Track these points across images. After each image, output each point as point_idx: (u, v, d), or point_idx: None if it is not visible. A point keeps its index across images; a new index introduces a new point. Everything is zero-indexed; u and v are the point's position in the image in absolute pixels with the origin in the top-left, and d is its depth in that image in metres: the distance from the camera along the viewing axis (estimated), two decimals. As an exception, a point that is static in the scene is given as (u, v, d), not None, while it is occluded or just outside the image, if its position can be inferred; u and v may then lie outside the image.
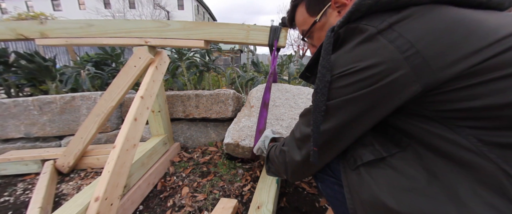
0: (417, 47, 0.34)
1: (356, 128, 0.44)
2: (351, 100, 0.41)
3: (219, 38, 1.16)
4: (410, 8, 0.37)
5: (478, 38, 0.33)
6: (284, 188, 1.17)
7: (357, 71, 0.39)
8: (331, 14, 0.57)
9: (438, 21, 0.35)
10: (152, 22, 1.19)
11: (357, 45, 0.40)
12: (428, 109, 0.38)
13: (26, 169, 1.41)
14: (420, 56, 0.34)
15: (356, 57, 0.39)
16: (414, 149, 0.41)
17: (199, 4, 25.44)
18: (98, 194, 0.80)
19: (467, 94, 0.34)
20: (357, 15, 0.41)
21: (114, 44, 1.24)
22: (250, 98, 1.41)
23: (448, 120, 0.37)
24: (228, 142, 1.15)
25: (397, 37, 0.35)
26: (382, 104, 0.39)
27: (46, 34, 1.25)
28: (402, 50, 0.35)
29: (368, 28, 0.38)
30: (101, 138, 1.63)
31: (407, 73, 0.34)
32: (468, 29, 0.33)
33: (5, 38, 1.28)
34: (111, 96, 1.20)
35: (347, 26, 0.42)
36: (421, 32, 0.35)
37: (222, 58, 8.72)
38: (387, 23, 0.37)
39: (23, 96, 2.15)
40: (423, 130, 0.39)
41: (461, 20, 0.34)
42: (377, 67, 0.37)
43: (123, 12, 18.36)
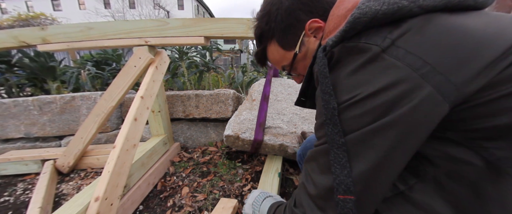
0: (430, 63, 0.31)
1: (389, 169, 0.35)
2: (373, 132, 0.34)
3: (219, 33, 1.16)
4: (407, 21, 0.35)
5: (488, 48, 0.31)
6: (284, 187, 1.17)
7: (369, 95, 0.34)
8: (309, 41, 0.53)
9: (442, 33, 0.33)
10: (151, 21, 1.19)
11: (361, 67, 0.36)
12: (451, 129, 0.34)
13: (26, 169, 1.41)
14: (438, 73, 0.31)
15: (362, 80, 0.35)
16: (434, 178, 0.37)
17: (199, 4, 25.44)
18: (98, 194, 0.80)
19: (491, 109, 0.31)
20: (352, 33, 0.37)
21: (114, 46, 1.25)
22: (251, 92, 1.42)
23: (474, 141, 0.34)
24: (228, 134, 1.15)
25: (405, 54, 0.32)
26: (412, 133, 0.33)
27: (48, 40, 1.25)
28: (415, 67, 0.32)
29: (371, 47, 0.35)
30: (101, 138, 1.63)
31: (432, 92, 0.31)
32: (476, 40, 0.31)
33: (8, 46, 1.31)
34: (111, 96, 1.20)
35: (343, 45, 0.38)
36: (428, 47, 0.32)
37: (222, 58, 8.73)
38: (389, 40, 0.34)
39: (24, 96, 2.15)
40: (445, 155, 0.35)
41: (466, 29, 0.32)
42: (392, 88, 0.32)
43: (123, 12, 18.36)
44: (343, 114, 0.37)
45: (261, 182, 1.05)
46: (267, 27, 0.55)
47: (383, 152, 0.34)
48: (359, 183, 0.36)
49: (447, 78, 0.30)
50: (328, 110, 0.39)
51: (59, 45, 1.26)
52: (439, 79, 0.31)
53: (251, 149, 1.16)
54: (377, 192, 0.37)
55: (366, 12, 0.35)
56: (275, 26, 0.54)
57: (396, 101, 0.32)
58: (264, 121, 1.10)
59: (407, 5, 0.34)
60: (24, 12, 14.38)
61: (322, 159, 0.40)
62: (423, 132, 0.33)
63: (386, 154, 0.34)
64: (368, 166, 0.35)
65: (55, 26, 1.26)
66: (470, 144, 0.34)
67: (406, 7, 0.34)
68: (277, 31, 0.54)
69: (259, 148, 1.17)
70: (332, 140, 0.39)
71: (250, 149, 1.16)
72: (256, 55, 0.63)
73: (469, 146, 0.34)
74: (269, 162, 1.21)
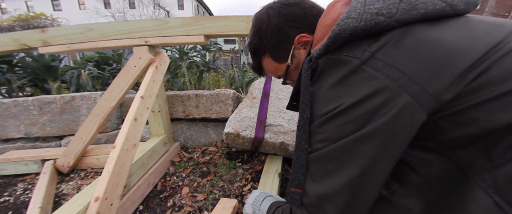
0: (407, 74, 0.34)
1: (376, 175, 0.38)
2: (359, 140, 0.36)
3: (218, 31, 1.15)
4: (385, 34, 0.37)
5: (460, 59, 0.33)
6: (284, 187, 1.17)
7: (351, 105, 0.36)
8: (299, 53, 0.56)
9: (417, 45, 0.35)
10: (151, 21, 1.19)
11: (343, 78, 0.38)
12: (430, 138, 0.37)
13: (26, 169, 1.41)
14: (415, 83, 0.33)
15: (345, 90, 0.38)
16: (415, 184, 0.40)
17: (199, 4, 25.45)
18: (98, 194, 0.80)
19: (464, 118, 0.34)
20: (334, 47, 0.40)
21: (115, 46, 1.25)
22: (252, 90, 1.41)
23: (449, 149, 0.36)
24: (228, 131, 1.14)
25: (384, 66, 0.35)
26: (394, 140, 0.36)
27: (48, 42, 1.26)
28: (393, 77, 0.34)
29: (351, 59, 0.37)
30: (101, 138, 1.63)
31: (409, 101, 0.33)
32: (448, 51, 0.34)
33: (10, 49, 1.32)
34: (111, 96, 1.20)
35: (327, 57, 0.41)
36: (404, 59, 0.35)
37: (222, 58, 8.73)
38: (368, 53, 0.37)
39: (24, 96, 2.15)
40: (425, 162, 0.39)
41: (439, 41, 0.35)
42: (373, 98, 0.35)
43: (123, 12, 18.36)
44: (329, 123, 0.39)
45: (261, 182, 1.05)
46: (259, 44, 0.58)
47: (369, 160, 0.36)
48: (347, 190, 0.38)
49: (423, 88, 0.33)
50: (303, 119, 0.45)
51: (60, 47, 1.26)
52: (416, 89, 0.33)
53: (251, 147, 1.16)
54: (366, 198, 0.39)
55: (345, 29, 0.38)
56: (266, 43, 0.57)
57: (377, 110, 0.35)
58: (265, 119, 1.09)
59: (384, 20, 0.36)
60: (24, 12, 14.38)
61: (313, 167, 0.43)
62: (404, 138, 0.36)
63: (372, 161, 0.36)
64: (355, 173, 0.37)
65: (56, 28, 1.27)
66: (446, 151, 0.37)
67: (383, 22, 0.36)
68: (269, 47, 0.57)
69: (259, 146, 1.16)
70: (299, 144, 0.45)
71: (251, 147, 1.15)
72: (253, 67, 0.67)
73: (446, 153, 0.37)
74: (269, 162, 1.21)
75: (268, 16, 0.55)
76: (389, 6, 0.36)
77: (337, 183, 0.38)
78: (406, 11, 0.36)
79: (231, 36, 1.20)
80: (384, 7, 0.36)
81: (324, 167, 0.40)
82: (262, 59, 0.62)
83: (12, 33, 1.30)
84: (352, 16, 0.38)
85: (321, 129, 0.41)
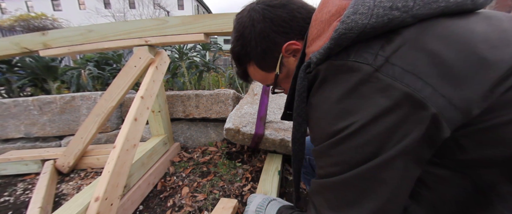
0: (432, 84, 0.28)
1: (401, 199, 0.33)
2: (384, 165, 0.31)
3: (218, 29, 1.14)
4: (400, 32, 0.31)
5: (492, 66, 0.28)
6: (284, 187, 1.17)
7: (368, 123, 0.30)
8: (288, 61, 0.49)
9: (441, 46, 0.29)
10: (150, 20, 1.19)
11: (353, 89, 0.32)
12: (449, 157, 0.32)
13: (26, 169, 1.41)
14: (440, 95, 0.28)
15: (358, 104, 0.31)
16: (428, 201, 0.36)
17: (199, 3, 25.45)
18: (98, 194, 0.80)
19: (488, 138, 0.29)
20: (338, 49, 0.34)
21: (115, 47, 1.25)
22: (253, 86, 1.41)
23: (469, 168, 0.32)
24: (228, 127, 1.14)
25: (402, 73, 0.29)
26: (421, 159, 0.32)
27: (49, 45, 1.26)
28: (415, 88, 0.28)
29: (361, 66, 0.31)
30: (101, 138, 1.63)
31: (435, 117, 0.28)
32: (481, 53, 0.28)
33: (11, 53, 1.32)
34: (111, 96, 1.20)
35: (330, 63, 0.35)
36: (427, 63, 0.29)
37: (222, 58, 8.72)
38: (382, 58, 0.31)
39: (24, 96, 2.15)
40: (440, 179, 0.34)
41: (467, 42, 0.29)
42: (393, 113, 0.29)
43: (123, 12, 18.36)
44: (343, 145, 0.33)
45: (261, 180, 1.05)
46: (243, 52, 0.52)
47: (394, 186, 0.32)
48: None
49: (450, 102, 0.28)
50: (299, 132, 0.43)
51: (61, 50, 1.26)
52: (442, 103, 0.28)
53: (251, 143, 1.15)
54: None
55: (352, 28, 0.31)
56: (251, 51, 0.50)
57: (399, 127, 0.29)
58: (265, 115, 1.09)
59: (399, 16, 0.30)
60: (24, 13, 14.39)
61: (329, 195, 0.37)
62: (425, 157, 0.32)
63: (396, 187, 0.32)
64: (380, 202, 0.32)
65: (56, 31, 1.27)
66: (465, 170, 0.32)
67: (398, 18, 0.31)
68: (254, 55, 0.51)
69: (259, 143, 1.16)
70: (295, 154, 0.44)
71: (250, 143, 1.15)
72: (238, 74, 0.60)
73: (464, 171, 0.33)
74: (269, 161, 1.21)
75: (251, 20, 0.48)
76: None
77: (361, 213, 0.33)
78: (425, 4, 0.30)
79: (231, 33, 1.20)
80: (399, 0, 0.30)
81: (343, 195, 0.35)
82: (247, 67, 0.55)
83: (12, 37, 1.30)
84: (360, 11, 0.31)
85: (334, 152, 0.34)
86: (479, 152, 0.30)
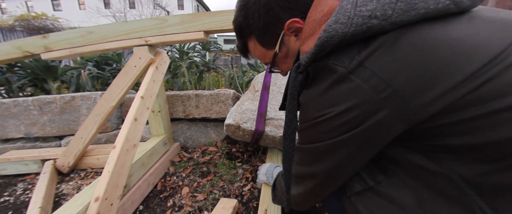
0: (393, 87, 0.32)
1: (348, 167, 0.44)
2: (337, 143, 0.40)
3: (218, 27, 1.14)
4: (377, 38, 0.34)
5: (453, 72, 0.31)
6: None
7: (335, 115, 0.38)
8: (289, 40, 0.50)
9: (411, 52, 0.32)
10: (150, 20, 1.19)
11: (329, 87, 0.38)
12: (412, 141, 0.38)
13: (26, 169, 1.41)
14: (398, 96, 0.33)
15: (331, 100, 0.38)
16: (399, 177, 0.42)
17: (199, 3, 25.46)
18: (98, 194, 0.80)
19: (449, 131, 0.33)
20: (322, 54, 0.38)
21: (115, 48, 1.25)
22: (255, 83, 1.41)
23: (432, 153, 0.37)
24: (229, 123, 1.13)
25: (371, 76, 0.33)
26: (370, 144, 0.39)
27: (50, 48, 1.27)
28: (378, 90, 0.33)
29: (338, 68, 0.36)
30: (101, 138, 1.63)
31: (388, 115, 0.34)
32: (443, 61, 0.31)
33: (13, 57, 1.34)
34: (111, 96, 1.20)
35: (315, 65, 0.40)
36: (394, 68, 0.33)
37: (222, 58, 8.73)
38: (356, 61, 0.35)
39: (24, 96, 2.15)
40: (407, 160, 0.40)
41: (435, 48, 0.32)
42: (356, 109, 0.36)
43: (124, 12, 18.35)
44: (314, 128, 0.43)
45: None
46: (245, 23, 0.52)
47: (342, 159, 0.42)
48: (321, 174, 0.46)
49: (406, 102, 0.33)
50: (290, 128, 0.50)
51: (62, 52, 1.27)
52: (398, 103, 0.33)
53: (251, 140, 1.15)
54: (337, 181, 0.47)
55: (333, 36, 0.35)
56: (253, 23, 0.50)
57: (359, 121, 0.36)
58: (265, 111, 1.09)
59: (378, 24, 0.33)
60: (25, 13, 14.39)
61: (299, 154, 0.50)
62: (378, 145, 0.39)
63: (345, 160, 0.42)
64: (329, 166, 0.44)
65: (56, 34, 1.28)
66: (430, 155, 0.37)
67: (377, 26, 0.33)
68: (256, 28, 0.51)
69: (259, 139, 1.16)
70: (286, 151, 0.52)
71: (251, 139, 1.14)
72: (237, 47, 0.61)
73: (429, 156, 0.37)
74: (269, 160, 1.21)
75: None
76: (384, 7, 0.33)
77: (313, 170, 0.47)
78: (403, 12, 0.32)
79: (231, 31, 1.18)
80: (378, 8, 0.33)
81: (305, 157, 0.48)
82: (247, 41, 0.56)
83: (14, 41, 1.31)
84: (341, 20, 0.34)
85: (307, 132, 0.45)
86: (442, 141, 0.35)
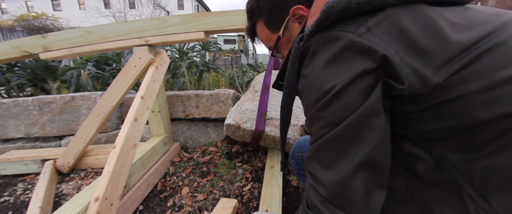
0: (400, 54, 0.33)
1: (387, 138, 0.36)
2: (367, 111, 0.34)
3: (218, 27, 1.14)
4: (384, 10, 0.35)
5: (453, 43, 0.32)
6: (284, 188, 1.17)
7: (351, 81, 0.34)
8: (293, 26, 0.53)
9: (414, 26, 0.34)
10: (150, 20, 1.19)
11: (338, 55, 0.36)
12: (411, 129, 0.37)
13: (26, 169, 1.41)
14: (405, 64, 0.33)
15: (342, 67, 0.35)
16: (393, 169, 0.39)
17: (199, 3, 25.46)
18: (98, 194, 0.80)
19: (444, 111, 0.34)
20: (327, 23, 0.37)
21: (115, 48, 1.25)
22: (255, 83, 1.42)
23: (423, 140, 0.36)
24: (229, 123, 1.13)
25: (380, 42, 0.34)
26: (384, 106, 0.36)
27: (49, 47, 1.27)
28: (390, 54, 0.33)
29: (345, 34, 0.35)
30: (101, 138, 1.63)
31: (400, 79, 0.33)
32: (444, 33, 0.33)
33: (11, 57, 1.33)
34: (111, 96, 1.20)
35: (320, 35, 0.38)
36: (399, 39, 0.34)
37: (222, 58, 8.73)
38: (364, 27, 0.35)
39: (24, 96, 2.15)
40: (402, 150, 0.39)
41: (436, 23, 0.34)
42: (373, 72, 0.34)
43: (123, 12, 18.35)
44: (330, 105, 0.36)
45: (265, 183, 1.05)
46: (256, 5, 0.55)
47: (380, 129, 0.34)
48: (365, 166, 0.35)
49: (413, 70, 0.33)
50: (288, 99, 0.47)
51: (61, 52, 1.27)
52: (406, 70, 0.33)
53: (251, 140, 1.15)
54: (384, 166, 0.36)
55: (340, 1, 0.35)
56: (263, 5, 0.54)
57: (376, 83, 0.34)
58: (265, 111, 1.09)
59: None
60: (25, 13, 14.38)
61: (321, 155, 0.38)
62: (387, 103, 0.36)
63: (382, 130, 0.35)
64: (369, 147, 0.34)
65: (55, 33, 1.27)
66: (423, 142, 0.37)
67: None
68: (264, 10, 0.54)
69: (259, 139, 1.16)
70: (283, 120, 0.50)
71: (251, 139, 1.14)
72: (246, 29, 0.63)
73: (423, 144, 0.37)
74: (269, 162, 1.21)
75: None
76: None
77: (353, 163, 0.34)
78: None
79: (231, 31, 1.18)
80: None
81: (333, 152, 0.36)
82: (256, 23, 0.59)
83: (12, 41, 1.31)
84: None
85: (323, 113, 0.37)
86: (437, 124, 0.34)
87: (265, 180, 1.06)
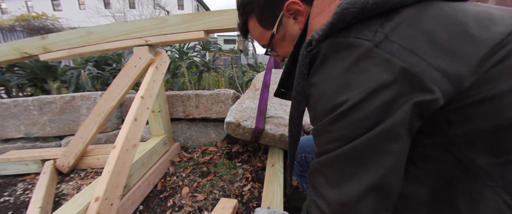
0: (426, 59, 0.29)
1: (401, 164, 0.33)
2: (382, 134, 0.31)
3: (218, 26, 1.14)
4: (400, 11, 0.32)
5: (482, 41, 0.30)
6: (284, 187, 1.17)
7: (368, 95, 0.31)
8: (287, 22, 0.49)
9: (436, 25, 0.31)
10: (150, 20, 1.19)
11: (353, 65, 0.33)
12: (437, 133, 0.33)
13: (26, 169, 1.41)
14: (434, 69, 0.29)
15: (358, 79, 0.32)
16: (412, 174, 0.37)
17: (199, 3, 25.47)
18: (98, 194, 0.80)
19: (474, 112, 0.31)
20: (340, 26, 0.34)
21: (115, 48, 1.24)
22: (255, 82, 1.42)
23: (455, 145, 0.33)
24: (229, 120, 1.13)
25: (400, 50, 0.30)
26: (414, 126, 0.32)
27: (49, 49, 1.27)
28: (412, 63, 0.29)
29: (361, 42, 0.32)
30: (101, 138, 1.63)
31: (430, 89, 0.29)
32: (471, 31, 0.30)
33: (11, 58, 1.33)
34: (111, 96, 1.20)
35: (331, 40, 0.35)
36: (422, 41, 0.30)
37: (222, 58, 8.72)
38: (381, 34, 0.32)
39: (24, 96, 2.15)
40: (422, 155, 0.35)
41: (459, 21, 0.31)
42: (393, 86, 0.30)
43: (123, 12, 18.35)
44: (342, 120, 0.33)
45: (266, 182, 1.05)
46: (247, 0, 0.52)
47: (395, 155, 0.32)
48: (375, 192, 0.33)
49: (444, 75, 0.29)
50: (297, 111, 0.43)
51: (61, 53, 1.27)
52: (436, 76, 0.29)
53: (251, 138, 1.15)
54: (393, 194, 0.34)
55: (355, 2, 0.32)
56: (254, 1, 0.50)
57: (396, 100, 0.30)
58: (265, 110, 1.09)
59: None
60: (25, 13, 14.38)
61: (327, 171, 0.36)
62: (415, 128, 0.33)
63: (397, 156, 0.32)
64: (381, 173, 0.32)
65: (55, 34, 1.27)
66: (450, 147, 0.33)
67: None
68: (256, 6, 0.50)
69: (259, 137, 1.15)
70: (292, 135, 0.45)
71: (251, 137, 1.14)
72: (238, 26, 0.60)
73: (449, 149, 0.33)
74: (270, 160, 1.21)
75: None
76: None
77: (361, 186, 0.32)
78: None
79: (231, 30, 1.18)
80: None
81: (341, 170, 0.34)
82: (248, 19, 0.54)
83: (12, 42, 1.31)
84: None
85: (333, 127, 0.34)
86: (465, 127, 0.32)
87: (266, 178, 1.06)
